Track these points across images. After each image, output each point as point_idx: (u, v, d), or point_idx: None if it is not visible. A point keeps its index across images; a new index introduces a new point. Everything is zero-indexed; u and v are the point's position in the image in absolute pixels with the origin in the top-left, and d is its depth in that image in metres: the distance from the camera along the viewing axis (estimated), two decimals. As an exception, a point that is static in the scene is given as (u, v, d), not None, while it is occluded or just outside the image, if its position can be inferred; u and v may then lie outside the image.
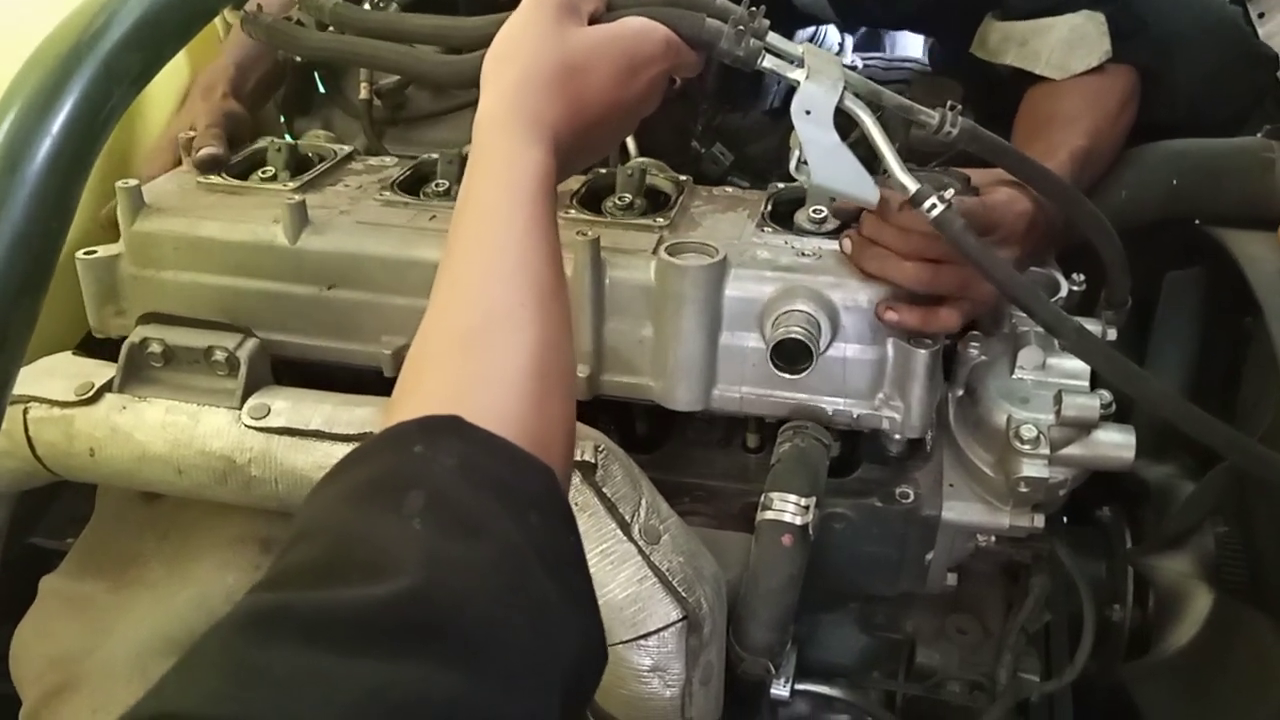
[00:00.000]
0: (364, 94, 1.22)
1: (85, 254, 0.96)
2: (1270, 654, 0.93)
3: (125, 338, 0.90)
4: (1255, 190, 1.05)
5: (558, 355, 0.58)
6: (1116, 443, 0.86)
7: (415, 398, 0.55)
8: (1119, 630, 1.06)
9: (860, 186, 0.79)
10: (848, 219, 0.90)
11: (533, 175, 0.64)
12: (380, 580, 0.41)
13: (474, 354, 0.56)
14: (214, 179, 1.00)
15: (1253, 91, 1.17)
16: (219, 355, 0.86)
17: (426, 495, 0.46)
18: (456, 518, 0.46)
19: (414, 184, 1.02)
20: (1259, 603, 0.98)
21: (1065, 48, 1.04)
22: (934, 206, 0.76)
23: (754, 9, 0.78)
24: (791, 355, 0.82)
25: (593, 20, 0.75)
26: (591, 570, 0.74)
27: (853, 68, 1.61)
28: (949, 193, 0.77)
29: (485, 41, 0.73)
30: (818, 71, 0.78)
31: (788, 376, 0.83)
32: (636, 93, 0.75)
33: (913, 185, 0.77)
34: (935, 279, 0.84)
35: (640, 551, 0.77)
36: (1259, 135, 1.08)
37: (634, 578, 0.76)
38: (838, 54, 1.76)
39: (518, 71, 0.69)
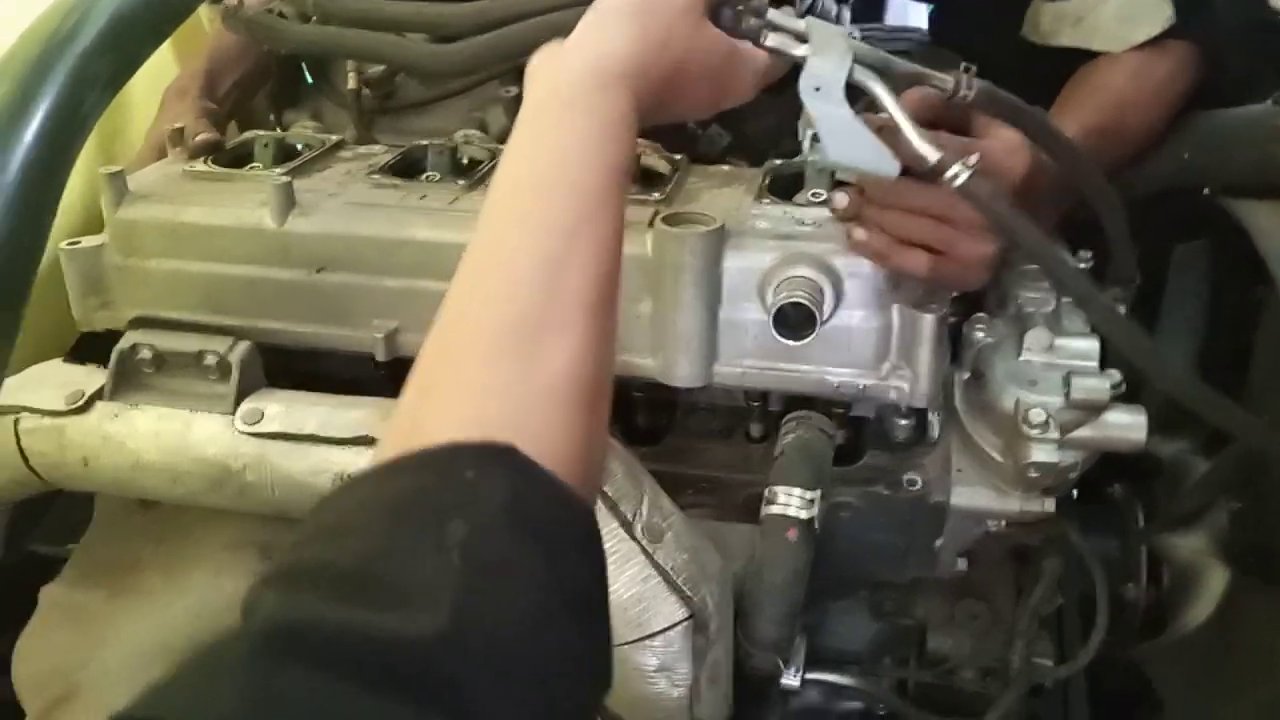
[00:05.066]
0: (352, 83, 1.19)
1: (69, 244, 0.93)
2: (1286, 631, 0.92)
3: (111, 331, 0.88)
4: (1266, 159, 1.02)
5: (606, 369, 0.54)
6: (1127, 424, 0.84)
7: (456, 401, 0.50)
8: (1133, 609, 1.05)
9: (879, 161, 0.75)
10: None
11: (616, 139, 0.58)
12: (410, 610, 0.40)
13: (525, 362, 0.51)
14: (200, 167, 0.98)
15: (1265, 58, 1.14)
16: (210, 360, 0.85)
17: (469, 527, 0.44)
18: (493, 557, 0.44)
19: (404, 169, 0.99)
20: (1273, 579, 0.97)
21: (1121, 20, 1.01)
22: (958, 175, 0.73)
23: None
24: (794, 321, 0.79)
25: None
26: (595, 572, 0.74)
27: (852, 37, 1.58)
28: (973, 159, 0.74)
29: (476, 29, 0.71)
30: (823, 45, 0.75)
31: (791, 344, 0.80)
32: None
33: (934, 155, 0.73)
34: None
35: (643, 550, 0.76)
36: (1269, 103, 1.05)
37: (638, 577, 0.75)
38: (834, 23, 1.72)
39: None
